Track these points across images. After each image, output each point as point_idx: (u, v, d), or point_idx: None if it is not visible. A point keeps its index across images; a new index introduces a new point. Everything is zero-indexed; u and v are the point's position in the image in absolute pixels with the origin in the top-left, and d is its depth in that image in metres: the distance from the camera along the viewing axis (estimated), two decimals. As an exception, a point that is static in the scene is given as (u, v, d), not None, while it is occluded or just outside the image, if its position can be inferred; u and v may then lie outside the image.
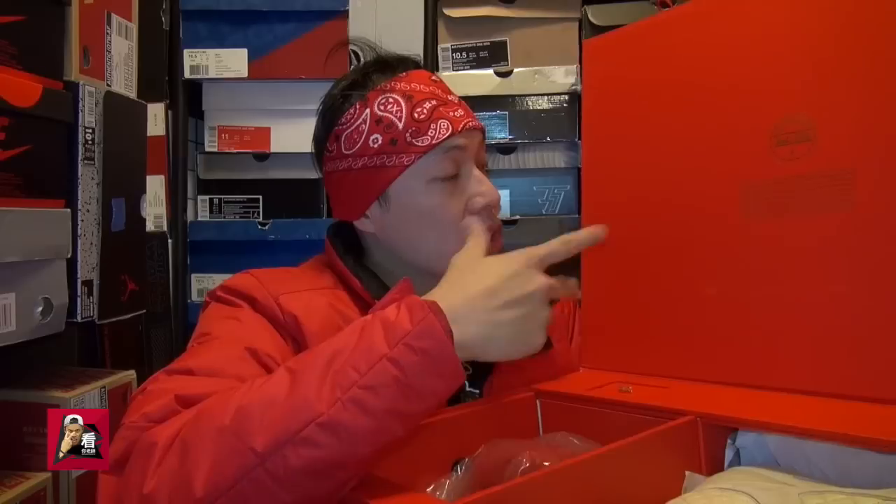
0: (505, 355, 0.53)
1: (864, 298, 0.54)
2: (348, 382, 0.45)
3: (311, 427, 0.44)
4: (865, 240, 0.54)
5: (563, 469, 0.45)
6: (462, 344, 0.49)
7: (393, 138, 0.69)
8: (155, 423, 0.49)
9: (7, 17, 0.83)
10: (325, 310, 0.68)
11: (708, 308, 0.63)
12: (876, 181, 0.54)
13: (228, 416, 0.45)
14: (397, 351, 0.46)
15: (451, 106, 0.71)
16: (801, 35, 0.59)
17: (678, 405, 0.55)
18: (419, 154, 0.69)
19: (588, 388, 0.63)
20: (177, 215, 1.44)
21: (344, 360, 0.46)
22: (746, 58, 0.62)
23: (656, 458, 0.51)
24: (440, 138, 0.68)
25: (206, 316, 0.68)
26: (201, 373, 0.55)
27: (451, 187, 0.70)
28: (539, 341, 0.53)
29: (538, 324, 0.53)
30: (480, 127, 0.73)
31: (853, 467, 0.49)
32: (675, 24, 0.68)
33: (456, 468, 0.55)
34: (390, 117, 0.69)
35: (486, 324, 0.50)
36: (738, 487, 0.46)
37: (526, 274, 0.53)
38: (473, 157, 0.72)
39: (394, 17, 1.45)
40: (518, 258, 0.55)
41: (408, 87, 0.71)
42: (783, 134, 0.58)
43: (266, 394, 0.46)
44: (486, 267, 0.54)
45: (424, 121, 0.69)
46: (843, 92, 0.56)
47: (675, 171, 0.66)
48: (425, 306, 0.48)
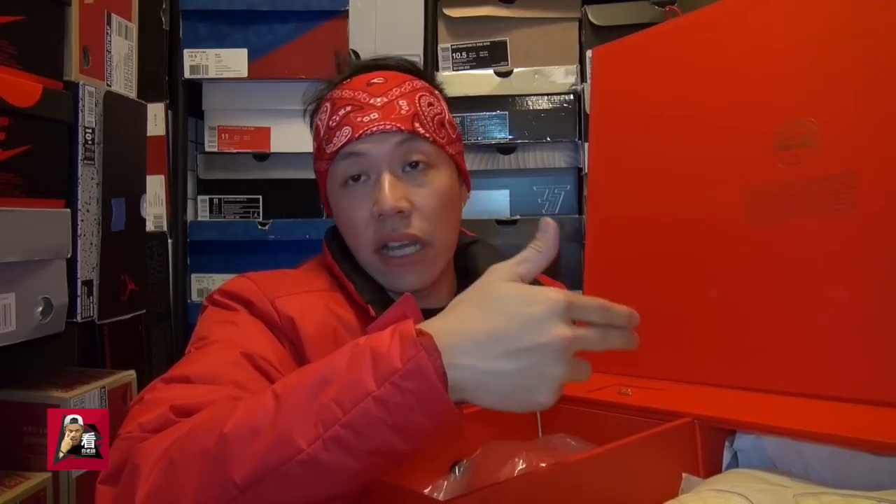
0: (500, 407, 0.46)
1: (864, 302, 0.54)
2: (331, 419, 0.42)
3: (292, 464, 0.42)
4: (867, 244, 0.54)
5: (559, 469, 0.45)
6: (456, 387, 0.44)
7: (318, 145, 0.74)
8: (150, 433, 0.49)
9: (7, 17, 0.83)
10: (322, 312, 0.68)
11: (709, 311, 0.63)
12: (878, 185, 0.54)
13: (213, 441, 0.44)
14: (384, 390, 0.42)
15: (366, 111, 0.70)
16: (804, 42, 0.59)
17: (676, 407, 0.55)
18: (328, 160, 0.72)
19: (587, 391, 0.63)
20: (177, 215, 1.44)
21: (329, 394, 0.43)
22: (750, 64, 0.62)
23: (653, 460, 0.51)
24: (339, 144, 0.70)
25: (203, 320, 0.68)
26: (198, 380, 0.55)
27: (359, 192, 0.71)
28: (545, 400, 0.44)
29: (546, 381, 0.44)
30: (396, 129, 0.69)
31: (850, 470, 0.49)
32: (681, 32, 0.70)
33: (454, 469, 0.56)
34: (319, 124, 0.74)
35: (486, 372, 0.44)
36: (734, 489, 0.46)
37: (544, 321, 0.44)
38: (386, 161, 0.70)
39: (394, 17, 1.45)
40: (543, 300, 0.45)
41: (338, 94, 0.73)
42: (786, 138, 0.59)
43: (250, 421, 0.44)
44: (502, 302, 0.45)
45: (334, 128, 0.71)
46: (845, 97, 0.56)
47: (679, 176, 0.67)
48: (418, 344, 0.43)
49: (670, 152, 0.68)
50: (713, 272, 0.63)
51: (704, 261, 0.64)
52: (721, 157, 0.63)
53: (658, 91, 0.70)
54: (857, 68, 0.56)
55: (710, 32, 0.66)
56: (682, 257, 0.66)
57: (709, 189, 0.64)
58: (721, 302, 0.62)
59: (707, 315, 0.63)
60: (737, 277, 0.61)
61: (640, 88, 0.72)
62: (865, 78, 0.55)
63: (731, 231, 0.62)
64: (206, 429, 0.46)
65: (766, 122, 0.60)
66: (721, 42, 0.65)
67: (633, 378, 0.67)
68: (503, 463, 0.51)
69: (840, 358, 0.55)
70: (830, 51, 0.57)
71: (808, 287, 0.57)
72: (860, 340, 0.54)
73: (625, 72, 0.74)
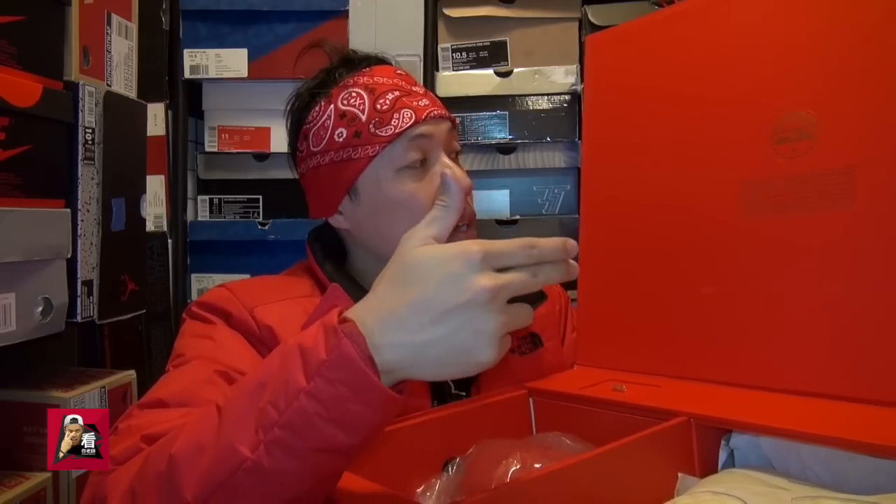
0: (441, 376, 0.43)
1: (863, 298, 0.53)
2: (269, 422, 0.41)
3: (238, 474, 0.41)
4: (865, 239, 0.53)
5: (555, 472, 0.45)
6: (386, 369, 0.41)
7: (357, 131, 0.70)
8: (120, 465, 0.49)
9: (7, 17, 0.84)
10: (301, 320, 0.67)
11: (705, 307, 0.62)
12: (877, 179, 0.53)
13: (164, 463, 0.44)
14: (314, 384, 0.40)
15: (415, 96, 0.72)
16: (802, 32, 0.58)
17: (672, 406, 0.55)
18: (383, 144, 0.69)
19: (581, 387, 0.63)
20: (177, 215, 1.45)
21: (266, 397, 0.42)
22: (748, 55, 0.62)
23: (649, 461, 0.51)
24: (403, 127, 0.69)
25: (182, 334, 0.68)
26: (173, 403, 0.56)
27: (420, 175, 0.70)
28: (486, 358, 0.42)
29: (482, 338, 0.41)
30: (448, 116, 0.73)
31: (848, 471, 0.49)
32: (677, 20, 0.68)
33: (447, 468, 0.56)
34: (353, 111, 0.71)
35: (412, 345, 0.41)
36: (731, 492, 0.45)
37: (461, 278, 0.41)
38: (442, 145, 0.72)
39: (394, 17, 1.45)
40: (456, 256, 0.42)
41: (370, 81, 0.72)
42: (784, 131, 0.58)
43: (195, 438, 0.44)
44: (416, 270, 0.43)
45: (387, 111, 0.70)
46: (845, 89, 0.55)
47: (675, 167, 0.66)
48: (339, 332, 0.41)
49: (666, 143, 0.67)
50: (709, 267, 0.63)
51: (700, 255, 0.63)
52: (717, 149, 0.63)
53: (653, 80, 0.69)
54: (857, 60, 0.55)
55: (708, 21, 0.65)
56: (678, 251, 0.65)
57: (704, 182, 0.63)
58: (717, 297, 0.62)
59: (702, 310, 0.63)
60: (733, 272, 0.61)
61: (635, 78, 0.71)
62: (866, 70, 0.54)
63: (728, 225, 0.61)
64: (159, 453, 0.46)
65: (764, 114, 0.59)
66: (718, 31, 0.64)
67: (628, 373, 0.66)
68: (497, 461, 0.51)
69: (838, 355, 0.54)
70: (830, 40, 0.56)
71: (806, 283, 0.56)
72: (858, 337, 0.53)
73: (619, 60, 0.73)
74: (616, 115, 0.73)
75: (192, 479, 0.43)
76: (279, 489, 0.42)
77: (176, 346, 0.67)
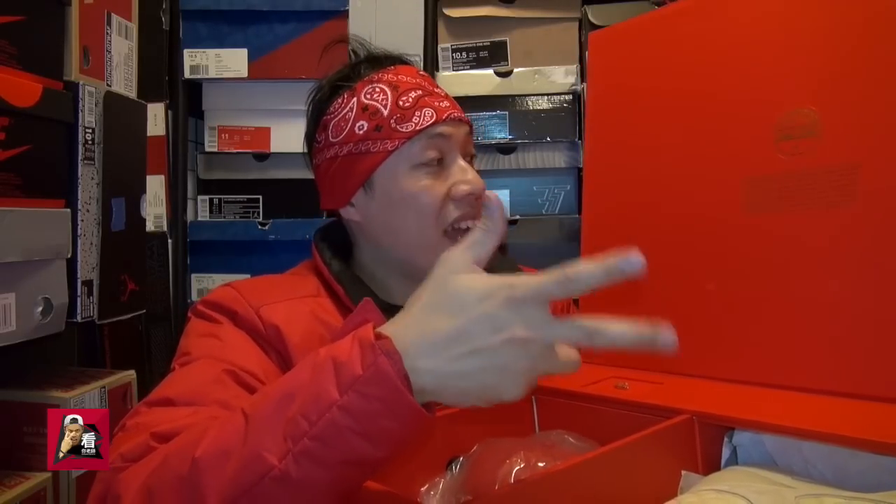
0: (461, 405, 0.44)
1: (866, 295, 0.53)
2: (299, 433, 0.42)
3: (265, 482, 0.42)
4: (868, 236, 0.53)
5: (559, 472, 0.45)
6: (420, 390, 0.42)
7: (378, 125, 0.71)
8: (131, 462, 0.49)
9: (7, 17, 0.84)
10: (307, 319, 0.68)
11: (708, 304, 0.62)
12: (880, 177, 0.53)
13: (186, 467, 0.44)
14: (348, 398, 0.41)
15: (437, 97, 0.73)
16: (805, 28, 0.58)
17: (675, 403, 0.55)
18: (403, 140, 0.70)
19: (584, 384, 0.63)
20: (177, 215, 1.45)
21: (295, 407, 0.43)
22: (752, 52, 0.62)
23: (652, 459, 0.51)
24: (424, 125, 0.70)
25: (187, 333, 0.68)
26: (180, 402, 0.55)
27: (435, 173, 0.71)
28: (511, 396, 0.43)
29: (509, 378, 0.42)
30: (466, 120, 0.74)
31: (851, 468, 0.49)
32: (679, 17, 0.68)
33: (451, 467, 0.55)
34: (376, 105, 0.71)
35: (447, 374, 0.42)
36: (735, 490, 0.45)
37: (502, 317, 0.41)
38: (459, 147, 0.73)
39: (394, 17, 1.45)
40: (498, 294, 0.42)
41: (395, 78, 0.73)
42: (787, 129, 0.58)
43: (221, 443, 0.44)
44: (456, 300, 0.43)
45: (409, 108, 0.70)
46: (848, 87, 0.55)
47: (678, 164, 0.66)
48: (376, 348, 0.42)
49: (668, 140, 0.67)
50: (712, 264, 0.63)
51: (702, 252, 0.63)
52: (720, 146, 0.63)
53: (656, 78, 0.69)
54: (860, 58, 0.55)
55: (711, 17, 0.65)
56: (680, 248, 0.65)
57: (707, 179, 0.63)
58: (719, 294, 0.62)
59: (705, 307, 0.63)
60: (736, 270, 0.61)
61: (638, 75, 0.71)
62: (869, 65, 0.54)
63: (730, 223, 0.61)
64: (181, 455, 0.46)
65: (767, 112, 0.59)
66: (722, 27, 0.64)
67: (631, 370, 0.66)
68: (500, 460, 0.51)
69: (840, 352, 0.54)
70: (833, 37, 0.56)
71: (809, 279, 0.56)
72: (861, 334, 0.53)
73: (622, 57, 0.73)
74: (618, 112, 0.73)
75: (217, 484, 0.43)
76: (302, 500, 0.43)
77: (181, 344, 0.66)
